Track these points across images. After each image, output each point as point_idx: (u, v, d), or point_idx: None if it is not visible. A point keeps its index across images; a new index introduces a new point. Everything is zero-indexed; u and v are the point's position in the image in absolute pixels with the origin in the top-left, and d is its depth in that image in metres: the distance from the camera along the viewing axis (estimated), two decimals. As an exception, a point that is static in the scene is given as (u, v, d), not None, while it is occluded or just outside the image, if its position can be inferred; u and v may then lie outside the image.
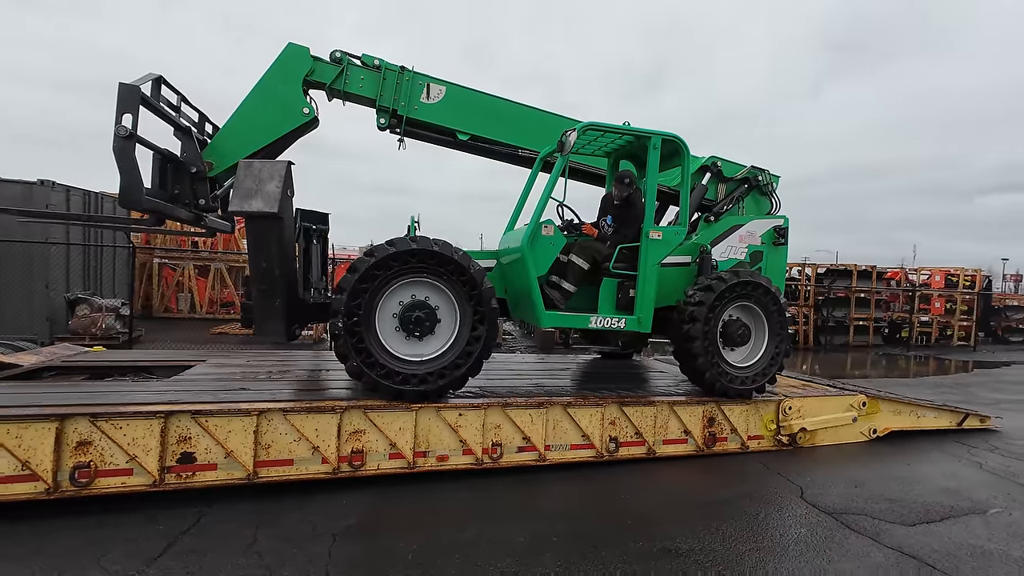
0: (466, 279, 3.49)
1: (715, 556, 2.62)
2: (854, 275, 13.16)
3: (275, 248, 3.45)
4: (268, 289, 3.54)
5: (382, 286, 3.36)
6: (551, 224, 4.07)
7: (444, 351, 3.51)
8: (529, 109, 4.72)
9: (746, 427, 4.41)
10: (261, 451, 3.14)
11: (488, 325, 3.56)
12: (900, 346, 13.53)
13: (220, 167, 3.84)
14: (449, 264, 3.44)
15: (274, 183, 3.31)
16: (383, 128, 4.35)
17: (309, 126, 4.12)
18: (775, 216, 4.90)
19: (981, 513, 3.29)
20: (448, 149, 4.70)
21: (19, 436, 2.73)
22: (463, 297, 3.52)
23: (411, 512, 3.04)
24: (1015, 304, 16.21)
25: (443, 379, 3.46)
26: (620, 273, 4.21)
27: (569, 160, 4.20)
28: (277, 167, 3.42)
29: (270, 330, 3.67)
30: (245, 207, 3.29)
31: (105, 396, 3.19)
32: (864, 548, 2.76)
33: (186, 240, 12.25)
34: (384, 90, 4.23)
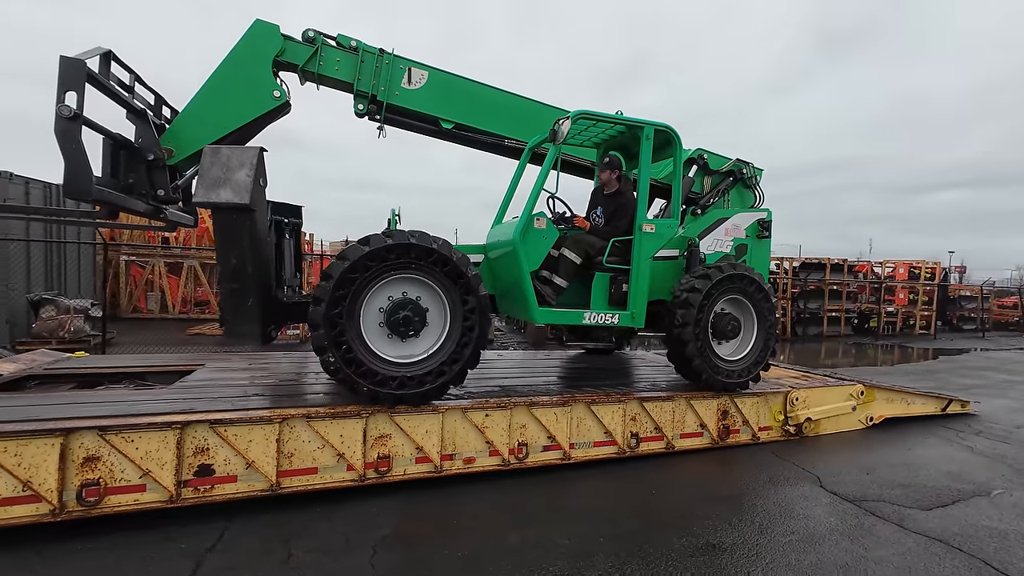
0: (450, 269, 3.27)
1: (759, 549, 2.65)
2: (827, 268, 13.73)
3: (247, 243, 3.17)
4: (240, 288, 3.27)
5: (362, 289, 3.10)
6: (543, 217, 3.95)
7: (438, 348, 3.33)
8: (516, 97, 4.55)
9: (757, 418, 4.51)
10: (284, 460, 2.98)
11: (480, 315, 3.37)
12: (869, 336, 14.23)
13: (181, 154, 3.52)
14: (430, 255, 3.21)
15: (244, 171, 3.02)
16: (361, 115, 4.10)
17: (280, 111, 3.83)
18: (759, 209, 4.92)
19: (986, 495, 3.47)
20: (422, 140, 4.60)
21: (19, 454, 2.48)
22: (450, 288, 3.31)
23: (446, 518, 2.95)
24: (968, 295, 17.32)
25: (442, 377, 3.29)
26: (612, 267, 4.13)
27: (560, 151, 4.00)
28: (248, 154, 3.12)
29: (243, 332, 3.41)
30: (212, 198, 2.99)
31: (109, 407, 2.95)
32: (893, 534, 2.86)
33: (155, 236, 11.57)
34: (362, 74, 3.97)
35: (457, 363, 3.33)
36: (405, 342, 3.27)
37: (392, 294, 3.23)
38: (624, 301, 4.13)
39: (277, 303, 3.68)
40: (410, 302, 3.24)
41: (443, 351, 3.30)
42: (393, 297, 3.23)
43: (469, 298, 3.31)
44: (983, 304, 16.60)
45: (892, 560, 2.58)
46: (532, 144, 4.49)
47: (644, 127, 4.10)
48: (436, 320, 3.35)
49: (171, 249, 11.62)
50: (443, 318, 3.36)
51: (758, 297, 4.38)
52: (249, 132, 3.81)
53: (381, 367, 3.13)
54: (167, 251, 11.60)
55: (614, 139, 4.67)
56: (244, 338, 3.48)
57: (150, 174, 3.34)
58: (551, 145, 3.88)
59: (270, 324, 3.63)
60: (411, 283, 3.27)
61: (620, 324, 4.12)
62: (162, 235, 11.85)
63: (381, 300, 3.21)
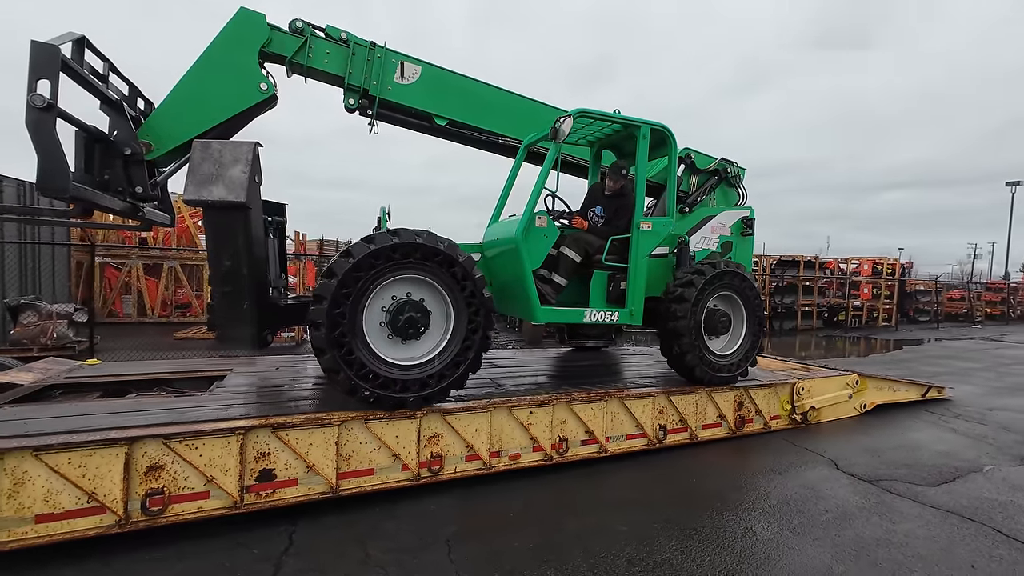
0: (456, 270, 3.21)
1: (802, 528, 2.88)
2: (801, 265, 14.48)
3: (242, 243, 3.02)
4: (234, 291, 3.10)
5: (366, 288, 3.00)
6: (545, 215, 3.96)
7: (440, 350, 3.25)
8: (512, 95, 4.53)
9: (768, 408, 4.80)
10: (342, 463, 3.01)
11: (484, 317, 3.32)
12: (839, 328, 15.12)
13: (161, 149, 3.33)
14: (436, 256, 3.14)
15: (239, 167, 2.88)
16: (352, 109, 3.98)
17: (267, 104, 3.66)
18: (742, 207, 5.02)
19: (979, 471, 3.85)
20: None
21: (83, 465, 2.43)
22: (455, 290, 3.24)
23: (503, 512, 3.05)
24: (923, 289, 18.62)
25: (444, 380, 3.22)
26: (610, 265, 4.16)
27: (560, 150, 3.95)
28: (242, 149, 2.95)
29: (237, 337, 3.29)
30: (204, 196, 2.81)
31: (159, 415, 2.89)
32: (912, 509, 3.15)
33: (132, 236, 11.03)
34: (353, 67, 3.84)
35: (460, 366, 3.27)
36: (406, 344, 3.20)
37: (396, 294, 3.16)
38: (622, 299, 4.20)
39: (273, 306, 3.54)
40: (414, 303, 3.17)
41: (446, 353, 3.25)
42: (397, 297, 3.16)
43: (474, 300, 3.27)
44: (936, 298, 17.90)
45: (919, 532, 2.86)
46: (528, 142, 4.47)
47: (641, 126, 4.17)
48: (439, 322, 3.30)
49: (149, 250, 11.10)
50: (446, 320, 3.31)
51: (748, 293, 4.53)
52: (234, 126, 3.63)
53: (383, 369, 3.05)
54: (145, 252, 11.08)
55: (608, 137, 4.73)
56: (238, 343, 3.41)
57: (127, 170, 3.13)
58: (552, 143, 3.86)
59: (265, 328, 3.49)
60: (414, 284, 3.20)
61: (619, 322, 4.18)
62: (139, 235, 11.32)
63: (384, 300, 3.14)
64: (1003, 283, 21.68)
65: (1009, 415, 5.58)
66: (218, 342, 3.36)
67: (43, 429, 2.53)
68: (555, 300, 4.03)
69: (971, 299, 19.32)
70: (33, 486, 2.36)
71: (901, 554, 2.63)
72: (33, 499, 2.36)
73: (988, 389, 7.06)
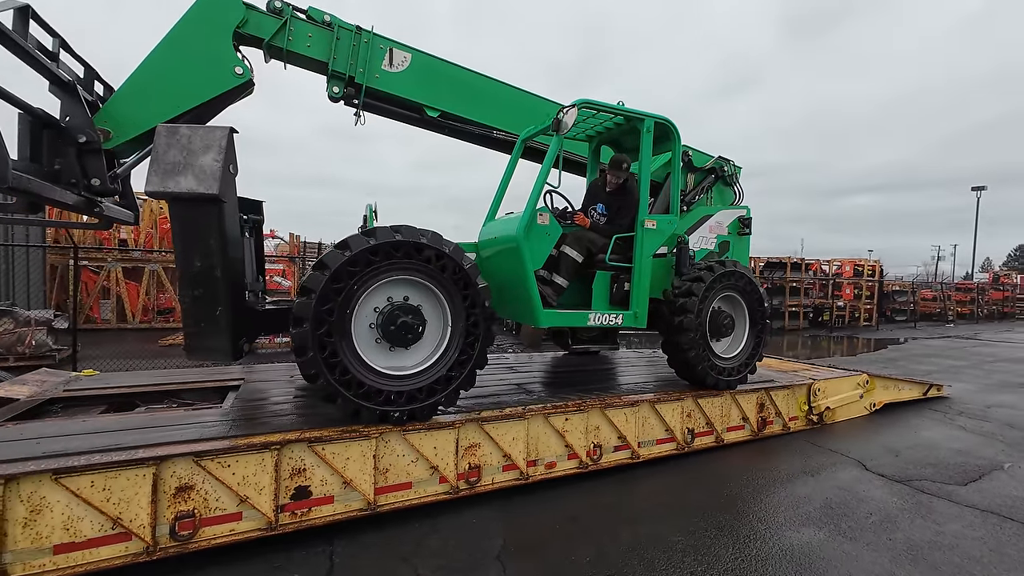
0: (459, 276, 2.99)
1: (853, 532, 2.86)
2: (788, 267, 14.80)
3: (215, 241, 2.67)
4: (206, 295, 2.73)
5: (359, 286, 2.76)
6: (547, 212, 3.75)
7: (433, 362, 3.00)
8: (507, 87, 4.34)
9: (787, 409, 4.81)
10: (379, 477, 2.85)
11: (484, 330, 3.10)
12: (824, 328, 15.51)
13: (121, 137, 2.99)
14: (440, 259, 2.93)
15: (211, 155, 2.56)
16: (336, 98, 3.73)
17: (243, 90, 3.36)
18: (739, 207, 4.91)
19: (1000, 469, 3.92)
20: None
21: (107, 488, 2.22)
22: (455, 297, 3.02)
23: (549, 524, 2.94)
24: (899, 289, 19.30)
25: (434, 395, 2.97)
26: (613, 265, 3.98)
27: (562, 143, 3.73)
28: (215, 134, 2.61)
29: (209, 347, 2.83)
30: (170, 187, 2.48)
31: (184, 430, 2.68)
32: (951, 509, 3.17)
33: (110, 237, 10.51)
34: (338, 52, 3.59)
35: (453, 381, 3.04)
36: (397, 352, 2.95)
37: (392, 296, 2.91)
38: (626, 300, 4.01)
39: (249, 311, 3.19)
40: (411, 308, 2.93)
41: (439, 366, 3.00)
42: (393, 299, 2.91)
43: (475, 311, 3.06)
44: (913, 298, 18.58)
45: (966, 533, 2.87)
46: (525, 136, 4.27)
47: (645, 119, 4.00)
48: (434, 331, 3.06)
49: (130, 252, 10.58)
50: (442, 329, 3.08)
51: (751, 294, 4.40)
52: (205, 114, 3.32)
53: (368, 377, 2.80)
54: (125, 254, 10.56)
55: (609, 132, 4.54)
56: (211, 354, 2.87)
57: (81, 160, 2.77)
58: (554, 136, 3.64)
59: (242, 336, 3.08)
60: (412, 286, 2.97)
61: (624, 324, 3.99)
62: (119, 236, 10.79)
63: (377, 302, 2.88)
64: (972, 284, 22.69)
65: (1008, 412, 5.75)
66: (186, 353, 2.84)
67: (59, 449, 2.31)
68: (556, 302, 3.84)
69: (944, 299, 20.13)
70: (51, 513, 2.14)
71: (956, 556, 2.62)
72: (52, 528, 2.14)
73: (980, 386, 7.29)
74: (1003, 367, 9.15)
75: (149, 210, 10.84)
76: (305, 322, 2.62)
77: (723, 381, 4.22)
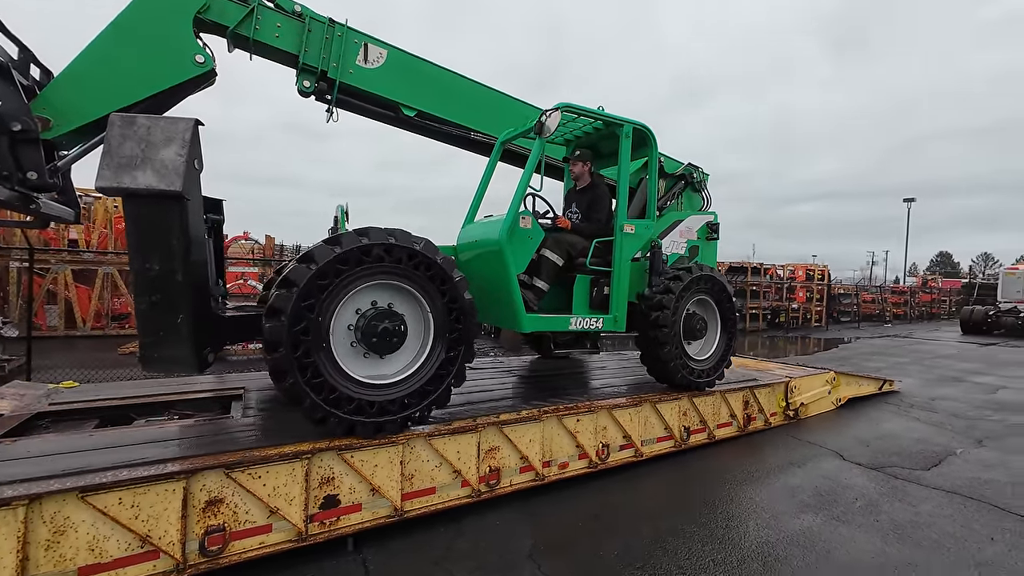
0: (434, 273, 2.87)
1: (845, 515, 3.14)
2: (748, 271, 15.68)
3: (177, 243, 2.44)
4: (165, 301, 2.48)
5: (333, 298, 2.60)
6: (529, 215, 3.71)
7: (419, 365, 2.90)
8: (486, 88, 4.30)
9: (768, 406, 5.15)
10: (405, 483, 2.86)
11: (467, 324, 3.00)
12: (780, 329, 16.52)
13: (63, 127, 2.73)
14: (412, 258, 2.79)
15: (173, 149, 2.34)
16: (306, 93, 3.58)
17: (203, 80, 3.15)
18: (707, 212, 5.03)
19: (954, 454, 4.38)
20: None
21: (135, 504, 2.13)
22: (434, 296, 2.90)
23: (570, 522, 3.04)
24: (844, 292, 20.85)
25: (426, 398, 2.89)
26: (593, 269, 4.01)
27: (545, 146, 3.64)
28: (177, 126, 2.39)
29: (169, 358, 2.58)
30: (127, 182, 2.25)
31: (204, 443, 2.59)
32: (922, 492, 3.53)
33: (58, 236, 9.74)
34: (309, 45, 3.44)
35: (443, 380, 2.95)
36: (380, 360, 2.83)
37: (368, 302, 2.78)
38: (605, 304, 4.04)
39: (216, 319, 2.95)
40: (389, 312, 2.80)
41: (427, 367, 2.91)
42: (369, 306, 2.77)
43: (455, 307, 2.96)
44: (857, 300, 20.11)
45: (939, 512, 3.21)
46: (504, 138, 4.26)
47: (624, 124, 4.04)
48: (416, 332, 2.95)
49: (81, 253, 9.84)
50: (424, 330, 2.96)
51: (722, 297, 4.53)
52: (160, 106, 3.06)
53: (356, 391, 2.67)
54: (75, 256, 9.81)
55: (587, 136, 4.61)
56: (171, 365, 2.62)
57: (14, 150, 2.52)
58: (536, 139, 3.63)
59: (206, 346, 2.82)
60: (387, 290, 2.83)
61: (604, 328, 4.02)
62: (68, 236, 10.03)
63: (353, 311, 2.75)
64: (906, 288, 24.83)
65: (951, 403, 6.39)
66: (142, 365, 2.58)
67: (79, 465, 2.18)
68: (537, 306, 3.79)
69: (882, 301, 21.91)
70: (76, 534, 2.03)
71: (934, 533, 2.94)
72: (76, 549, 2.03)
73: (924, 381, 8.04)
74: (939, 363, 10.11)
75: (103, 208, 10.15)
76: (283, 315, 2.46)
77: (695, 383, 4.32)
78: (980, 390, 7.35)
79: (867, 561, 2.63)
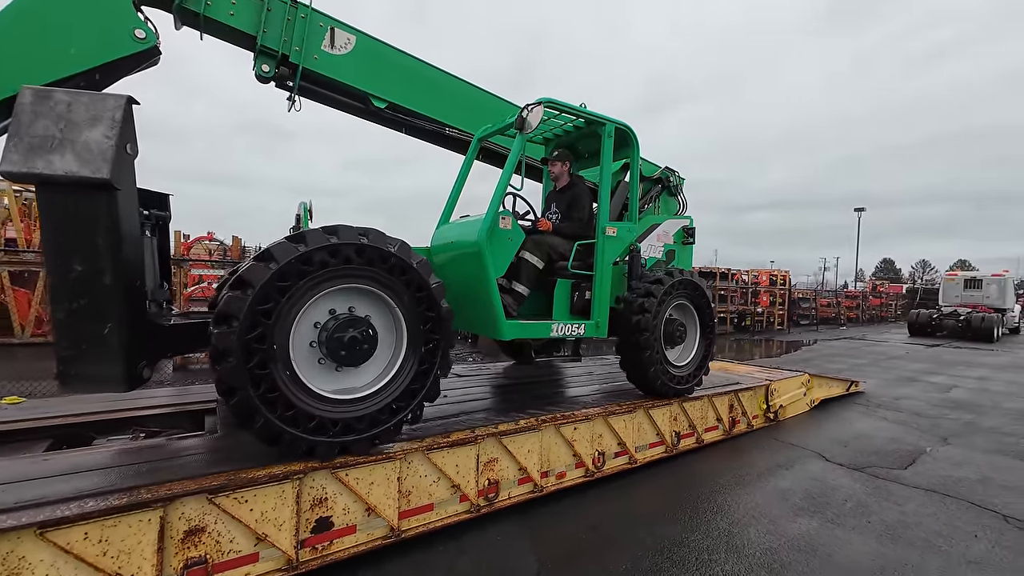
0: (409, 278, 2.61)
1: (839, 517, 3.19)
2: (716, 276, 16.17)
3: (104, 240, 2.10)
4: (89, 308, 2.13)
5: (295, 303, 2.32)
6: (509, 215, 3.53)
7: (389, 379, 2.63)
8: (462, 82, 4.13)
9: (751, 409, 5.25)
10: (402, 500, 2.69)
11: (443, 335, 2.76)
12: (747, 332, 17.10)
13: None
14: (386, 260, 2.52)
15: (101, 130, 2.02)
16: (265, 78, 3.32)
17: (144, 58, 2.82)
18: (683, 216, 4.98)
19: (925, 452, 4.58)
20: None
21: (104, 539, 1.89)
22: (408, 302, 2.64)
23: (573, 534, 2.95)
24: (803, 297, 21.86)
25: (398, 414, 2.63)
26: (574, 273, 3.87)
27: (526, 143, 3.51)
28: (105, 103, 2.07)
29: (92, 375, 2.20)
30: (39, 167, 1.94)
31: (182, 463, 2.35)
32: (904, 491, 3.65)
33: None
34: (269, 26, 3.18)
35: (417, 394, 2.70)
36: (347, 372, 2.56)
37: (335, 307, 2.50)
38: (586, 309, 3.92)
39: (152, 327, 2.50)
40: (359, 320, 2.52)
41: (399, 380, 2.65)
42: (339, 312, 2.50)
43: (431, 314, 2.71)
44: (815, 304, 21.12)
45: (922, 511, 3.32)
46: (481, 134, 4.09)
47: (606, 124, 3.93)
48: (387, 342, 2.68)
49: (20, 253, 9.01)
50: (396, 339, 2.70)
51: (701, 302, 4.47)
52: (94, 84, 2.72)
53: (318, 407, 2.38)
54: (13, 256, 8.97)
55: (567, 135, 4.51)
56: (96, 384, 2.25)
57: None
58: (517, 135, 3.46)
59: (141, 359, 2.41)
60: (354, 295, 2.55)
61: (586, 334, 3.90)
62: (5, 235, 9.16)
63: (316, 317, 2.46)
64: (857, 292, 26.33)
65: (913, 403, 6.74)
66: (59, 383, 2.16)
67: (32, 497, 1.91)
68: (516, 312, 3.64)
69: (836, 305, 23.11)
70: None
71: (923, 532, 3.03)
72: (32, 594, 1.77)
73: (884, 381, 8.45)
74: (894, 363, 10.69)
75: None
76: (234, 320, 2.15)
77: (675, 389, 4.23)
78: (935, 389, 7.79)
79: (867, 564, 2.67)
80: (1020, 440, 5.01)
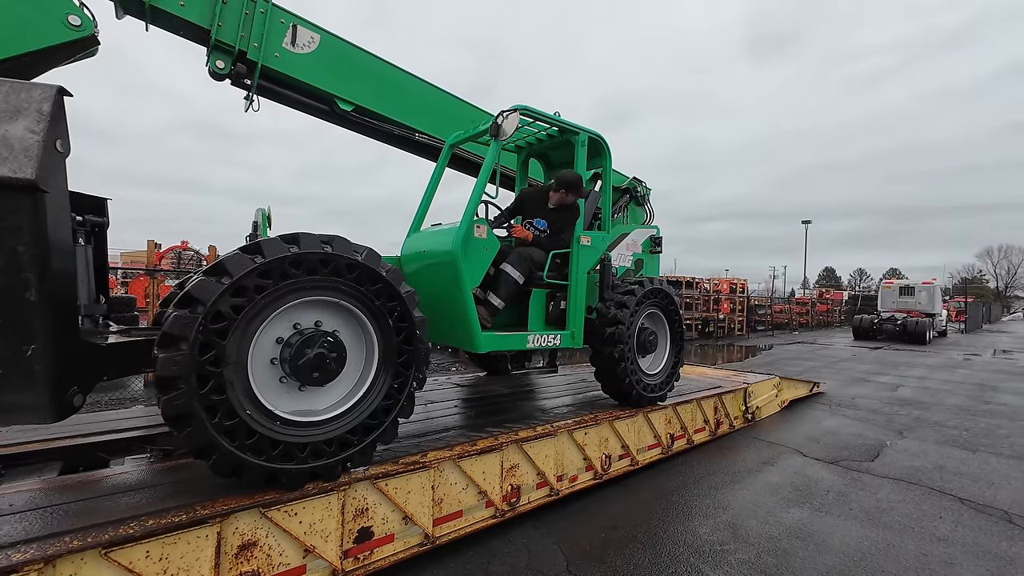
0: (380, 288, 2.44)
1: (824, 507, 3.52)
2: (683, 284, 16.95)
3: (27, 249, 1.80)
4: (8, 327, 1.80)
5: (252, 320, 2.10)
6: (484, 224, 3.43)
7: (360, 397, 2.45)
8: (432, 87, 4.04)
9: (732, 410, 5.63)
10: (435, 508, 2.78)
11: (417, 347, 2.58)
12: (711, 338, 17.97)
13: None
14: (352, 270, 2.34)
15: (25, 123, 1.76)
16: (220, 75, 3.11)
17: (79, 48, 2.58)
18: (650, 226, 5.03)
19: (886, 446, 5.08)
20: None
21: (164, 557, 1.89)
22: (378, 314, 2.47)
23: (594, 534, 3.12)
24: (759, 304, 23.21)
25: (371, 433, 2.46)
26: (549, 283, 3.83)
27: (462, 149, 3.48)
28: (32, 94, 1.80)
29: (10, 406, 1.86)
30: None
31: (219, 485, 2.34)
32: (874, 481, 4.06)
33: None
34: (224, 19, 2.98)
35: (391, 412, 2.53)
36: (314, 392, 2.36)
37: (297, 322, 2.29)
38: (561, 320, 3.88)
39: (84, 347, 2.14)
40: (324, 335, 2.32)
41: (370, 398, 2.47)
42: (301, 327, 2.29)
43: (404, 326, 2.54)
44: (770, 311, 22.46)
45: (894, 498, 3.71)
46: (452, 141, 4.01)
47: (580, 133, 3.92)
48: (355, 359, 2.49)
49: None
50: (366, 355, 2.52)
51: (672, 311, 4.52)
52: (21, 71, 2.47)
53: (281, 432, 2.18)
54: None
55: (540, 143, 4.48)
56: (16, 414, 1.93)
57: None
58: (492, 142, 3.39)
59: (71, 385, 2.07)
60: (319, 307, 2.36)
61: (562, 345, 3.85)
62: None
63: (277, 334, 2.25)
64: (807, 299, 28.21)
65: (868, 401, 7.38)
66: None
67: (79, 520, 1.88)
68: (491, 324, 3.54)
69: (789, 312, 24.67)
70: (95, 597, 1.75)
71: (897, 516, 3.40)
72: (94, 615, 1.75)
73: (839, 382, 9.17)
74: (844, 365, 11.59)
75: None
76: (182, 343, 1.93)
77: (647, 397, 4.24)
78: (884, 388, 8.55)
79: (857, 545, 2.99)
80: (963, 432, 5.63)
